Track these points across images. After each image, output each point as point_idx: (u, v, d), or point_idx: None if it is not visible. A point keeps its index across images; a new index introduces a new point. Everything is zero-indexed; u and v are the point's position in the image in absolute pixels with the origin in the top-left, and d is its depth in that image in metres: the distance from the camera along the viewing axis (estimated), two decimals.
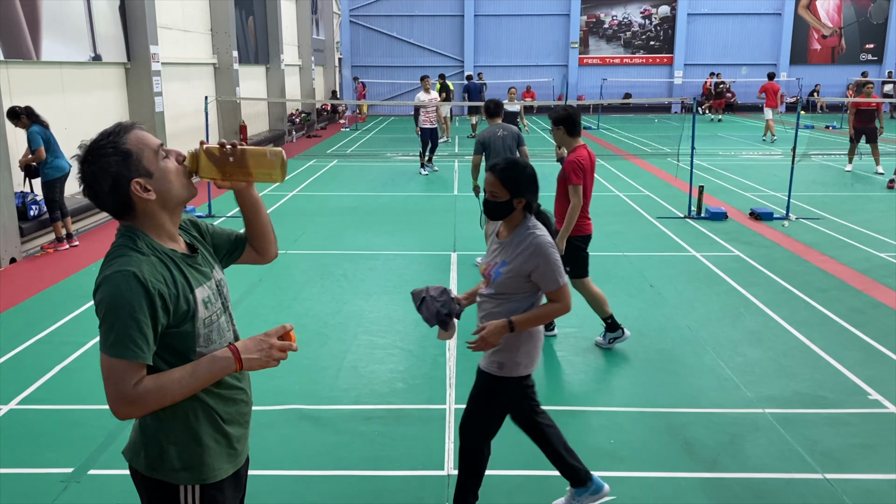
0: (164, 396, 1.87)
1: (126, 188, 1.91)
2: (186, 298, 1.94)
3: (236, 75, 16.57)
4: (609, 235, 9.25)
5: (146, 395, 1.84)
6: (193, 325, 1.96)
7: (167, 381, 1.88)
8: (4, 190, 8.03)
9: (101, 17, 10.85)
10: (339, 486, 3.82)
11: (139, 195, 1.92)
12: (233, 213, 10.67)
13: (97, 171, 1.90)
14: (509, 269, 3.15)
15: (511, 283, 3.16)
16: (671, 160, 13.60)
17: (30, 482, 3.84)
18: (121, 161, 1.90)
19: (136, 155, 1.92)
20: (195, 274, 2.02)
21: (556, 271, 3.12)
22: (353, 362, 5.40)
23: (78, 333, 5.90)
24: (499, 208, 3.21)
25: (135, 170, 1.91)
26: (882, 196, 12.01)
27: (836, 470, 3.93)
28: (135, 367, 1.83)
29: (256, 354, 1.96)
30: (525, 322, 3.17)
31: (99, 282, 1.87)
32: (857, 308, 6.49)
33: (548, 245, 3.14)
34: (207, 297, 2.03)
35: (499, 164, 3.24)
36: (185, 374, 1.90)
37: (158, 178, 1.94)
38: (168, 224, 2.00)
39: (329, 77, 29.34)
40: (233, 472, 2.14)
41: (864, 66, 30.60)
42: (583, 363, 5.37)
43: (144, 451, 2.03)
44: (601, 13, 31.31)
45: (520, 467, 3.98)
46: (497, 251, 3.27)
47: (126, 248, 1.91)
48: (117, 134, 1.92)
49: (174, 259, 1.97)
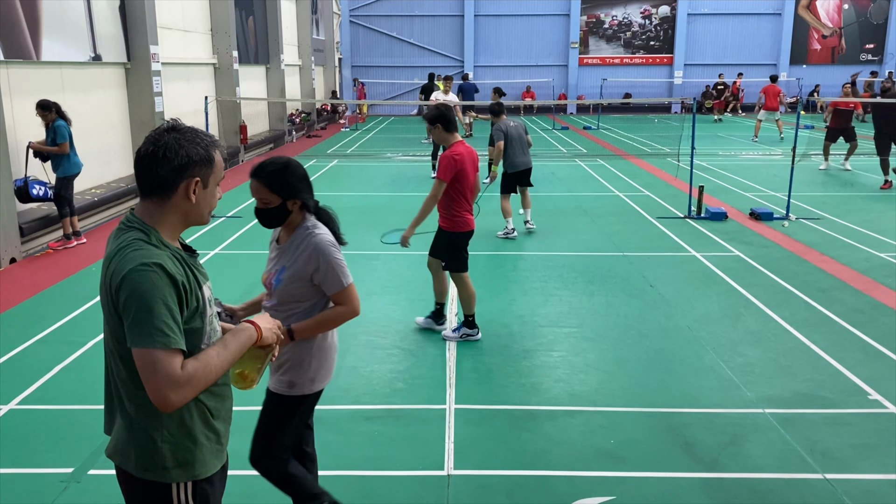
0: (209, 373, 1.95)
1: (186, 178, 2.00)
2: (197, 295, 2.01)
3: (236, 75, 16.57)
4: (609, 235, 9.26)
5: (195, 374, 1.90)
6: (202, 322, 2.02)
7: (207, 357, 1.96)
8: (4, 190, 8.03)
9: (101, 17, 10.85)
10: (339, 486, 3.81)
11: (188, 191, 2.01)
12: (232, 214, 10.67)
13: (179, 147, 1.98)
14: (289, 273, 2.89)
15: (294, 289, 2.90)
16: (671, 160, 13.60)
17: (30, 482, 3.84)
18: (203, 157, 2.02)
19: (214, 166, 2.06)
20: (199, 273, 2.08)
21: (340, 271, 2.86)
22: (353, 362, 5.40)
23: (78, 333, 5.90)
24: (273, 215, 2.89)
25: (201, 172, 2.02)
26: (882, 196, 12.01)
27: (836, 470, 3.93)
28: (177, 353, 1.88)
29: (269, 324, 2.19)
30: (306, 330, 2.88)
31: (122, 277, 1.88)
32: (857, 308, 6.49)
33: (328, 244, 2.88)
34: (209, 294, 2.11)
35: (263, 169, 2.88)
36: (219, 348, 2.01)
37: (206, 195, 2.06)
38: (179, 228, 2.08)
39: (329, 77, 29.33)
40: (220, 468, 2.19)
41: (865, 66, 30.61)
42: (582, 363, 5.37)
43: (135, 451, 2.03)
44: (601, 13, 31.30)
45: (520, 467, 3.98)
46: (276, 257, 2.99)
47: (140, 242, 1.94)
48: (214, 142, 2.08)
49: (182, 257, 2.03)
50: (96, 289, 7.23)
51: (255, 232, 9.66)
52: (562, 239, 9.14)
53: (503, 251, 8.59)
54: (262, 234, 9.45)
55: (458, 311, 6.16)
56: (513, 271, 7.74)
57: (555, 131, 23.34)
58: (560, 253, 8.46)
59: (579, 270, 7.73)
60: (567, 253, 8.46)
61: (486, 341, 5.78)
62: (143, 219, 2.01)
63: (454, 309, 6.47)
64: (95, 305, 6.61)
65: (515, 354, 5.53)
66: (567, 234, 9.43)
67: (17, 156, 8.60)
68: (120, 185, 11.02)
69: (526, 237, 9.22)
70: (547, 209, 10.97)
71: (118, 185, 11.03)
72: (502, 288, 7.14)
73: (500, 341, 5.78)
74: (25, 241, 8.52)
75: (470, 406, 4.69)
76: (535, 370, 5.25)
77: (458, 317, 6.15)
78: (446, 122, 5.56)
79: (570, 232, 9.52)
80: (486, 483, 3.84)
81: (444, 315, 6.07)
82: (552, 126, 24.68)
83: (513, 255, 8.40)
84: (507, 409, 4.66)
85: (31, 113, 9.04)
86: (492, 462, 4.03)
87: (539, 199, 11.81)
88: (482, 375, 5.16)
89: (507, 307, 6.56)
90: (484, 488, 3.79)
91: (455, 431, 4.35)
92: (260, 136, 19.04)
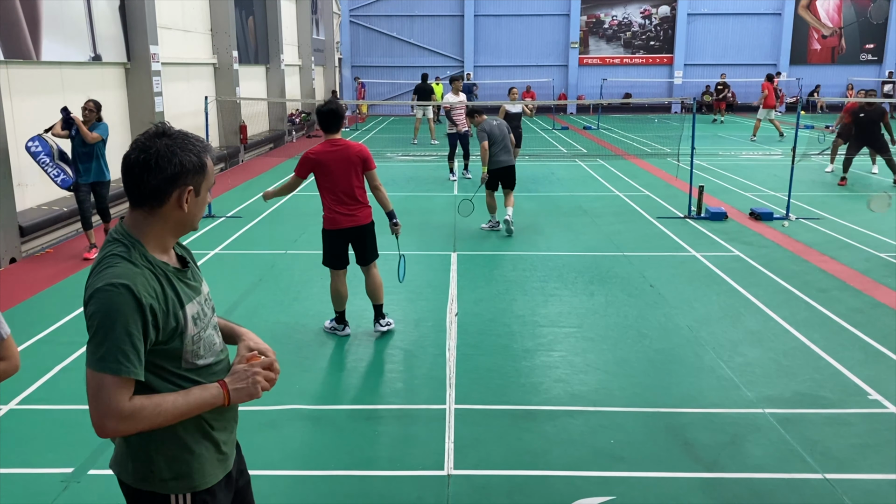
0: (157, 416, 1.86)
1: (179, 187, 1.93)
2: (176, 315, 1.92)
3: (236, 75, 16.57)
4: (609, 235, 9.25)
5: (142, 412, 1.83)
6: (181, 343, 1.95)
7: (161, 400, 1.87)
8: (4, 190, 8.03)
9: (100, 17, 10.85)
10: (339, 486, 3.82)
11: (180, 200, 1.94)
12: (232, 214, 10.67)
13: (172, 155, 1.91)
14: None
15: None
16: (671, 160, 13.60)
17: (30, 482, 3.84)
18: (195, 165, 1.95)
19: (206, 173, 1.99)
20: (185, 289, 2.00)
21: None
22: (353, 362, 5.40)
23: (78, 333, 5.90)
24: None
25: (194, 181, 1.95)
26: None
27: (836, 470, 3.93)
28: (128, 382, 1.81)
29: (242, 384, 1.99)
30: None
31: (90, 293, 1.83)
32: (857, 308, 6.49)
33: None
34: (197, 313, 2.01)
35: None
36: (179, 397, 1.91)
37: (198, 202, 2.00)
38: (169, 238, 2.01)
39: (329, 77, 29.31)
40: (223, 476, 2.13)
41: (864, 66, 30.61)
42: (583, 363, 5.37)
43: (132, 462, 2.01)
44: (601, 13, 31.29)
45: (520, 467, 3.98)
46: None
47: (118, 258, 1.88)
48: (206, 147, 2.00)
49: (166, 273, 1.95)
50: None
51: (256, 232, 9.66)
52: (562, 239, 9.14)
53: (503, 251, 8.59)
54: (263, 234, 9.46)
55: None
56: (513, 271, 7.74)
57: (555, 131, 23.34)
58: (560, 253, 8.46)
59: (579, 270, 7.73)
60: (567, 253, 8.46)
61: (486, 341, 5.78)
62: (130, 230, 1.94)
63: (454, 308, 6.47)
64: None
65: (515, 354, 5.53)
66: (567, 234, 9.43)
67: (17, 156, 8.60)
68: (120, 185, 10.99)
69: (527, 237, 9.21)
70: (547, 209, 10.97)
71: (118, 185, 11.02)
72: (502, 288, 7.14)
73: (500, 341, 5.78)
74: (25, 241, 8.52)
75: (470, 406, 4.69)
76: (535, 370, 5.25)
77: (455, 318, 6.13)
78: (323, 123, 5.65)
79: (570, 232, 9.52)
80: (486, 483, 3.84)
81: (346, 322, 5.97)
82: (552, 126, 24.67)
83: (513, 255, 8.40)
84: (507, 409, 4.66)
85: (31, 113, 9.05)
86: (492, 462, 4.02)
87: (539, 199, 11.81)
88: (482, 375, 5.16)
89: (507, 307, 6.56)
90: (484, 488, 3.79)
91: (455, 431, 4.35)
92: (260, 136, 19.04)
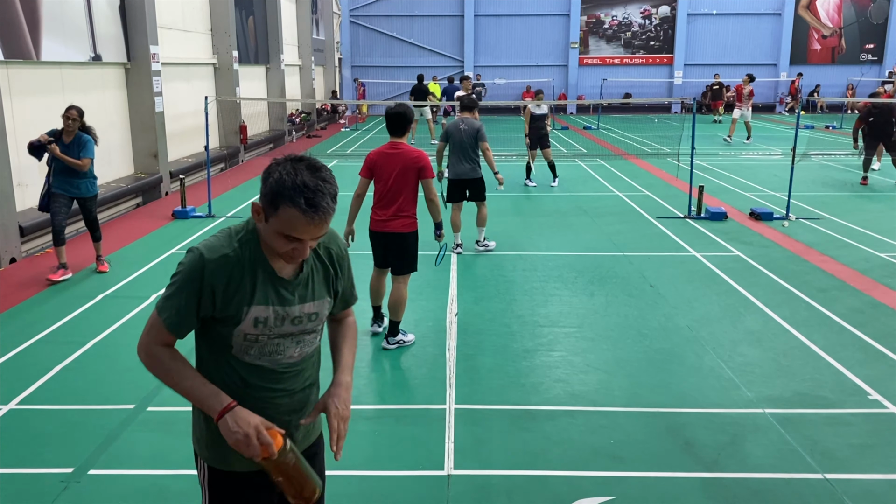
0: (168, 376, 2.04)
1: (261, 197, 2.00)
2: (238, 306, 2.02)
3: (236, 75, 16.57)
4: (609, 235, 9.26)
5: (160, 361, 2.03)
6: (231, 332, 2.04)
7: (180, 367, 2.04)
8: (4, 190, 8.03)
9: (101, 17, 10.85)
10: (339, 486, 3.81)
11: (254, 211, 2.01)
12: (232, 214, 10.67)
13: (268, 171, 1.99)
14: None
15: None
16: (671, 160, 13.59)
17: (30, 482, 3.84)
18: (273, 187, 1.92)
19: (273, 197, 1.93)
20: (272, 293, 2.04)
21: None
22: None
23: (78, 333, 5.90)
24: None
25: (266, 201, 1.95)
26: (882, 196, 12.01)
27: (836, 470, 3.93)
28: (168, 333, 2.02)
29: (237, 429, 1.95)
30: None
31: (189, 249, 2.05)
32: (857, 308, 6.49)
33: None
34: (265, 318, 2.04)
35: None
36: (193, 378, 2.03)
37: (266, 227, 1.99)
38: (270, 248, 2.04)
39: (329, 77, 29.32)
40: (254, 471, 2.11)
41: (864, 66, 30.61)
42: (583, 363, 5.37)
43: (194, 420, 2.22)
44: (601, 13, 31.29)
45: (520, 467, 3.98)
46: None
47: (227, 234, 2.06)
48: (301, 189, 1.91)
49: (261, 271, 2.03)
50: (96, 288, 7.20)
51: None
52: (562, 239, 9.14)
53: (503, 251, 8.59)
54: None
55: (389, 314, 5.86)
56: (513, 271, 7.74)
57: (555, 131, 23.35)
58: (560, 253, 8.46)
59: (579, 270, 7.73)
60: (567, 253, 8.46)
61: (486, 341, 5.78)
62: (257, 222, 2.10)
63: (454, 308, 6.47)
64: (95, 305, 6.61)
65: (515, 354, 5.53)
66: (567, 234, 9.43)
67: (17, 156, 8.60)
68: (120, 184, 11.02)
69: (527, 237, 9.21)
70: (547, 209, 10.97)
71: (118, 185, 11.03)
72: (502, 288, 7.14)
73: (500, 341, 5.78)
74: (25, 241, 8.51)
75: (470, 406, 4.69)
76: (535, 370, 5.25)
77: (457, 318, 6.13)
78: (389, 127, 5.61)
79: (570, 232, 9.52)
80: (486, 483, 3.84)
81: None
82: (552, 126, 24.66)
83: (513, 255, 8.40)
84: (507, 409, 4.66)
85: (31, 113, 9.05)
86: (492, 462, 4.02)
87: (539, 199, 11.82)
88: (482, 375, 5.16)
89: (507, 307, 6.56)
90: (484, 488, 3.79)
91: (455, 431, 4.35)
92: (260, 136, 19.03)
